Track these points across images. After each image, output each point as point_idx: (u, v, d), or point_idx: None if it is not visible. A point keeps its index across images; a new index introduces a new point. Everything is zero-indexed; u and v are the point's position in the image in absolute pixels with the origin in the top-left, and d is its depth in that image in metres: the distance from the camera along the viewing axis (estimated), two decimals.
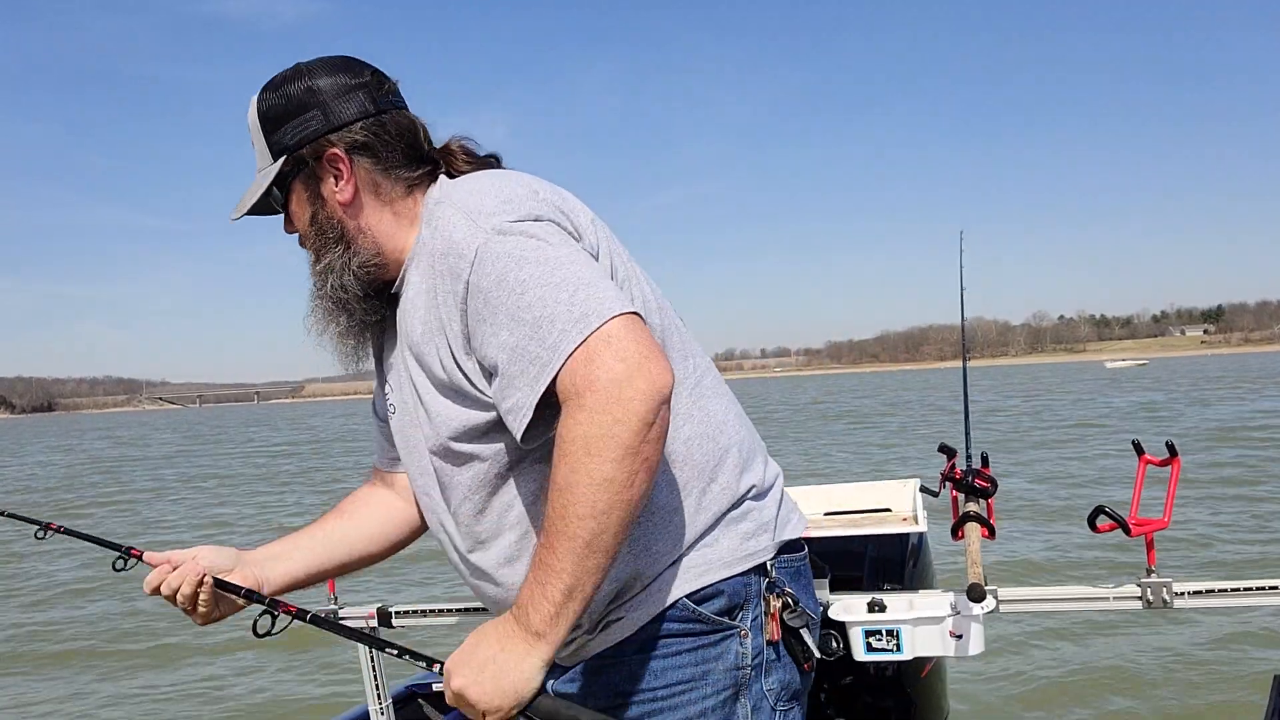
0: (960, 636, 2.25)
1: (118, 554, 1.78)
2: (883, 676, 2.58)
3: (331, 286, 1.44)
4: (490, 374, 1.30)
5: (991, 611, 2.29)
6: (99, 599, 9.70)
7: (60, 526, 2.07)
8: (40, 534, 2.07)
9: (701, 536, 1.41)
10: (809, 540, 2.44)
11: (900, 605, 2.32)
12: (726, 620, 1.40)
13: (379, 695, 2.46)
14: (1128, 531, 2.16)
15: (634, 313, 1.24)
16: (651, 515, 1.37)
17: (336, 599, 2.71)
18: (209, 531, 14.15)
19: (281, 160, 1.44)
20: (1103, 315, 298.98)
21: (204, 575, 1.53)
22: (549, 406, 1.24)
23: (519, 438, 1.28)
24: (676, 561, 1.39)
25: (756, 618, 1.43)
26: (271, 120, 1.44)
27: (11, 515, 2.26)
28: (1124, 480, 13.07)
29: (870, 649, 2.27)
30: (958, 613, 2.26)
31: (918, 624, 2.26)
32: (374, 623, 2.70)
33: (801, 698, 1.51)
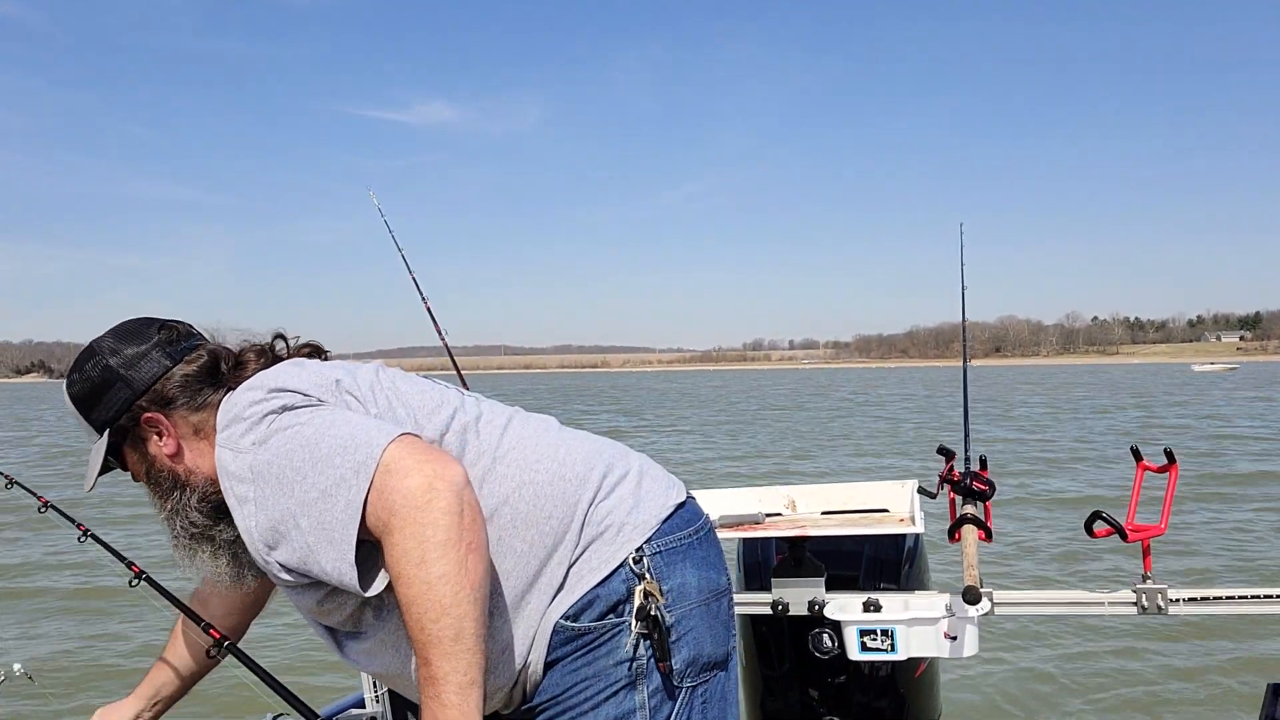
0: (955, 638, 2.25)
1: None
2: (877, 676, 2.59)
3: (182, 527, 1.52)
4: (308, 565, 1.37)
5: (986, 614, 2.29)
6: None
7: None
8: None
9: (563, 582, 1.47)
10: (807, 539, 2.47)
11: (895, 605, 2.32)
12: (611, 618, 1.47)
13: (375, 682, 2.49)
14: (1124, 537, 2.16)
15: (404, 433, 1.35)
16: (517, 602, 1.45)
17: None
18: None
19: (106, 433, 1.51)
20: (1136, 318, 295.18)
21: None
22: (371, 557, 1.34)
23: (363, 591, 1.35)
24: (548, 608, 1.47)
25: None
26: (84, 402, 1.52)
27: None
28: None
29: (865, 648, 2.28)
30: (953, 614, 2.26)
31: (912, 624, 2.26)
32: None
33: (725, 664, 1.56)
